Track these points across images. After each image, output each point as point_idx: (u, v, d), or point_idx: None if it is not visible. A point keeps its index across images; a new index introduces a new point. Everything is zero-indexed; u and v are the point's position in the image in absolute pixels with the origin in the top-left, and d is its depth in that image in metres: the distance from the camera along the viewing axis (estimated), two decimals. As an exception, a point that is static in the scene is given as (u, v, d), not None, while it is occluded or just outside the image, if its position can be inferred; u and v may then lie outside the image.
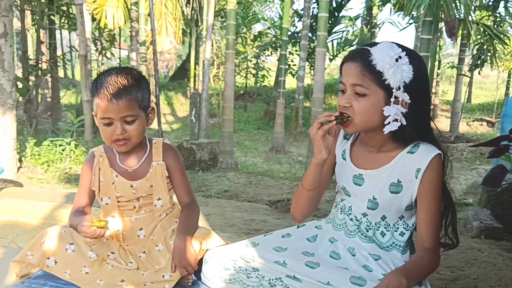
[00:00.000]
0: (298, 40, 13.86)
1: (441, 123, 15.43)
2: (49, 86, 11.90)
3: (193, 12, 12.22)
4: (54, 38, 11.41)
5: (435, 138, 1.39)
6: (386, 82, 1.28)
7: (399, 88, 1.28)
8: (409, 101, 1.30)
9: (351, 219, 1.47)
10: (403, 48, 1.33)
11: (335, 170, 1.54)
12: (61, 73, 17.05)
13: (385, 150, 1.40)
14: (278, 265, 1.41)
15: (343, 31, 15.57)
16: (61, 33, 16.32)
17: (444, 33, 11.42)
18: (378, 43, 1.34)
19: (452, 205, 1.43)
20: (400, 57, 1.28)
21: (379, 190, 1.40)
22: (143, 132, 1.68)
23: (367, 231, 1.44)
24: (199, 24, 12.04)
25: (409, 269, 1.29)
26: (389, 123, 1.32)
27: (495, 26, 10.94)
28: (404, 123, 1.31)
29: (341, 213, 1.51)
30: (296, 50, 15.81)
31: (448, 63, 15.34)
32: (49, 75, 10.55)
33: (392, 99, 1.29)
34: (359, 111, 1.32)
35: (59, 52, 12.24)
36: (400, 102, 1.30)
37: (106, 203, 1.74)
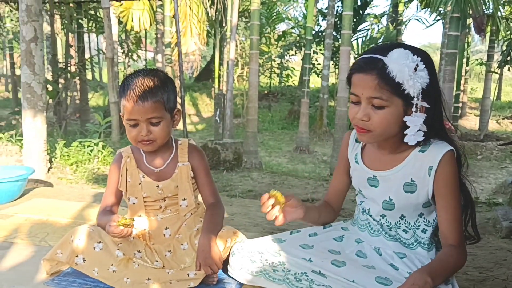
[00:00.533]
0: (323, 39, 13.78)
1: (470, 121, 15.11)
2: (78, 89, 12.16)
3: (217, 13, 12.30)
4: (82, 42, 11.65)
5: (447, 134, 1.37)
6: (405, 92, 1.26)
7: (418, 95, 1.26)
8: (427, 105, 1.28)
9: (373, 219, 1.47)
10: (415, 52, 1.28)
11: (351, 174, 1.54)
12: (89, 76, 17.40)
13: (398, 151, 1.39)
14: (305, 260, 1.42)
15: (368, 29, 15.41)
16: (89, 37, 16.67)
17: (472, 29, 11.17)
18: (387, 48, 1.30)
19: (471, 200, 1.40)
20: (417, 65, 1.25)
21: (394, 191, 1.39)
22: (168, 133, 1.70)
23: (390, 230, 1.44)
24: (223, 25, 12.12)
25: (435, 267, 1.27)
26: (408, 133, 1.30)
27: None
28: (425, 129, 1.29)
29: (363, 214, 1.51)
30: (320, 49, 15.72)
31: (477, 59, 15.00)
32: (77, 77, 10.78)
33: (414, 109, 1.27)
34: (379, 124, 1.30)
35: (87, 55, 12.48)
36: (419, 109, 1.27)
37: (133, 203, 1.77)
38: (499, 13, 8.44)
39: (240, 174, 6.35)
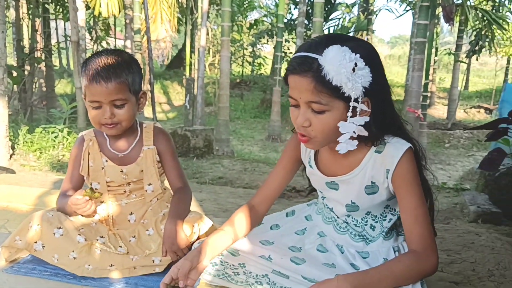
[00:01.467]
0: (294, 27, 13.77)
1: (438, 110, 15.44)
2: (44, 75, 11.80)
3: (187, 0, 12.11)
4: (49, 27, 11.29)
5: (403, 129, 1.28)
6: (346, 95, 1.13)
7: (357, 98, 1.13)
8: (369, 110, 1.17)
9: (338, 217, 1.41)
10: (355, 47, 1.14)
11: (308, 177, 1.45)
12: (56, 63, 16.93)
13: (352, 153, 1.27)
14: (264, 259, 1.36)
15: (339, 18, 15.49)
16: (56, 22, 16.17)
17: (442, 20, 11.34)
18: (323, 43, 1.15)
19: (430, 196, 1.33)
20: (356, 64, 1.11)
21: (356, 194, 1.31)
22: (133, 116, 1.63)
23: (357, 226, 1.38)
24: (194, 12, 11.94)
25: (369, 277, 1.17)
26: (340, 140, 1.19)
27: (494, 11, 10.83)
28: (366, 134, 1.19)
29: (327, 209, 1.44)
30: (292, 38, 15.74)
31: (445, 49, 15.30)
32: (43, 63, 10.45)
33: (349, 113, 1.15)
34: (321, 129, 1.19)
35: (54, 41, 12.12)
36: (358, 113, 1.16)
37: (96, 188, 1.70)
38: (468, 2, 8.57)
39: (210, 161, 6.27)
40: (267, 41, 17.72)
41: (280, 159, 1.51)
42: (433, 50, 12.28)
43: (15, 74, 8.63)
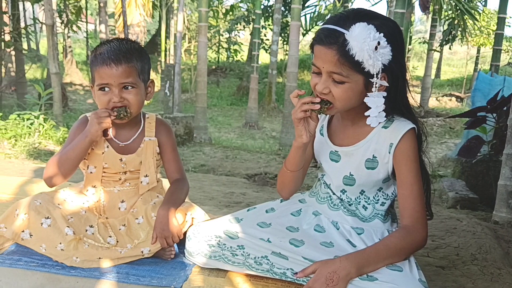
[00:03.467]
0: (271, 14, 13.71)
1: (411, 98, 15.69)
2: (13, 60, 11.41)
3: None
4: (17, 9, 10.89)
5: (410, 111, 1.36)
6: (366, 70, 1.23)
7: (377, 74, 1.23)
8: (387, 84, 1.26)
9: (333, 193, 1.45)
10: (380, 25, 1.22)
11: (314, 145, 1.51)
12: (25, 46, 16.38)
13: (361, 124, 1.37)
14: (263, 241, 1.39)
15: (316, 5, 15.49)
16: (23, 5, 15.64)
17: (415, 8, 11.48)
18: (350, 19, 1.23)
19: (427, 179, 1.40)
20: (378, 43, 1.20)
21: (355, 167, 1.37)
22: (141, 103, 1.64)
23: (350, 205, 1.42)
24: (169, -4, 11.75)
25: (368, 254, 1.24)
26: (370, 114, 1.29)
27: (466, 1, 11.04)
28: (383, 107, 1.27)
29: (324, 188, 1.48)
30: (269, 25, 15.68)
31: (419, 38, 15.52)
32: (12, 47, 10.10)
33: (374, 89, 1.25)
34: (339, 98, 1.28)
35: (22, 24, 11.70)
36: (378, 88, 1.25)
37: (91, 172, 1.68)
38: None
39: (191, 148, 6.23)
40: (244, 27, 17.61)
41: None
42: (407, 39, 12.45)
43: (-17, 58, 8.33)
